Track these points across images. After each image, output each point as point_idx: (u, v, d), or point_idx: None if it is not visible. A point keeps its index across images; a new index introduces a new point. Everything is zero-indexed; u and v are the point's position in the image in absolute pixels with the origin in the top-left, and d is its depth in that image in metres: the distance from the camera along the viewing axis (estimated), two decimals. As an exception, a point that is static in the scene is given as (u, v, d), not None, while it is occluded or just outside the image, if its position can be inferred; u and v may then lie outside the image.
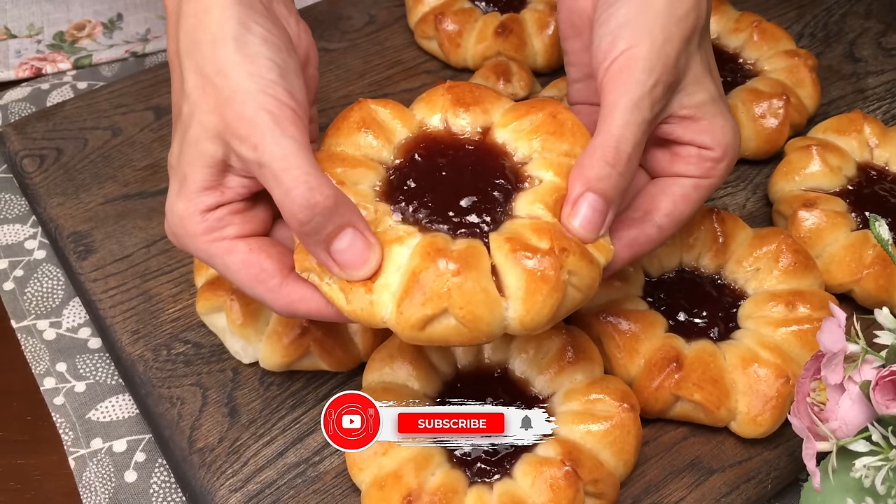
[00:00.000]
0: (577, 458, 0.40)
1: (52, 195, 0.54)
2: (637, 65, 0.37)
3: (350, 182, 0.38)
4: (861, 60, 0.63)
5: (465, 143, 0.40)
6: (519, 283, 0.35)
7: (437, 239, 0.36)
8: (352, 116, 0.40)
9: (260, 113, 0.35)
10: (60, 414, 0.48)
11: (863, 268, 0.48)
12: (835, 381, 0.37)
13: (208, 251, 0.38)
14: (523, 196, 0.38)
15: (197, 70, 0.37)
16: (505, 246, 0.35)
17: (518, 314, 0.35)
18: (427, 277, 0.34)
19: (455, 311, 0.34)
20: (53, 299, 0.53)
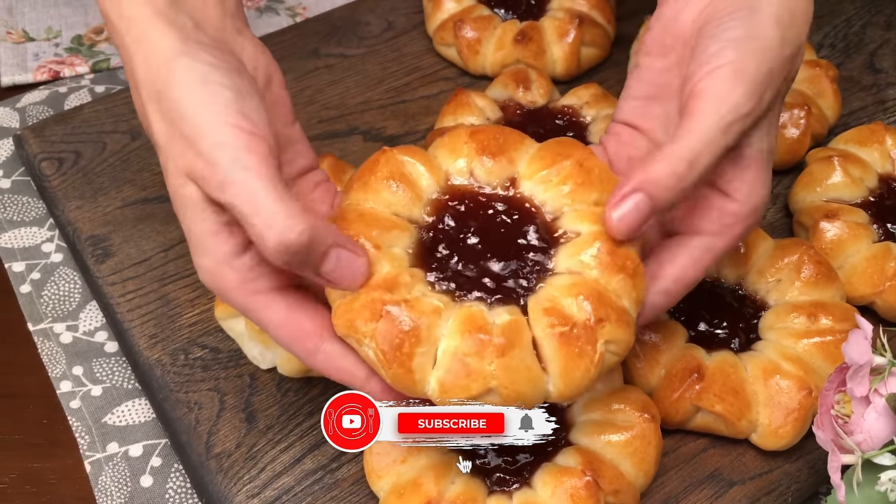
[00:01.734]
0: (597, 469, 0.40)
1: (70, 198, 0.54)
2: (741, 84, 0.35)
3: (385, 245, 0.37)
4: (882, 71, 0.63)
5: (494, 200, 0.39)
6: (557, 360, 0.35)
7: (475, 313, 0.35)
8: (379, 171, 0.38)
9: (218, 149, 0.34)
10: (76, 418, 0.48)
11: (885, 280, 0.48)
12: (860, 394, 0.37)
13: (246, 306, 0.36)
14: (563, 250, 0.37)
15: (161, 117, 0.36)
16: (543, 320, 0.35)
17: (557, 389, 0.35)
18: (470, 358, 0.34)
19: (500, 390, 0.34)
20: (70, 302, 0.53)
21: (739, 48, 0.36)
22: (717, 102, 0.35)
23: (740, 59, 0.36)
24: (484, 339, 0.34)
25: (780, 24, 0.37)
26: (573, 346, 0.35)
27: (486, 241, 0.38)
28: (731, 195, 0.38)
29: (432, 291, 0.36)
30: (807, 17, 0.39)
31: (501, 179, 0.39)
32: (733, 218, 0.38)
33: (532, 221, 0.38)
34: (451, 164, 0.39)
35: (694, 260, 0.38)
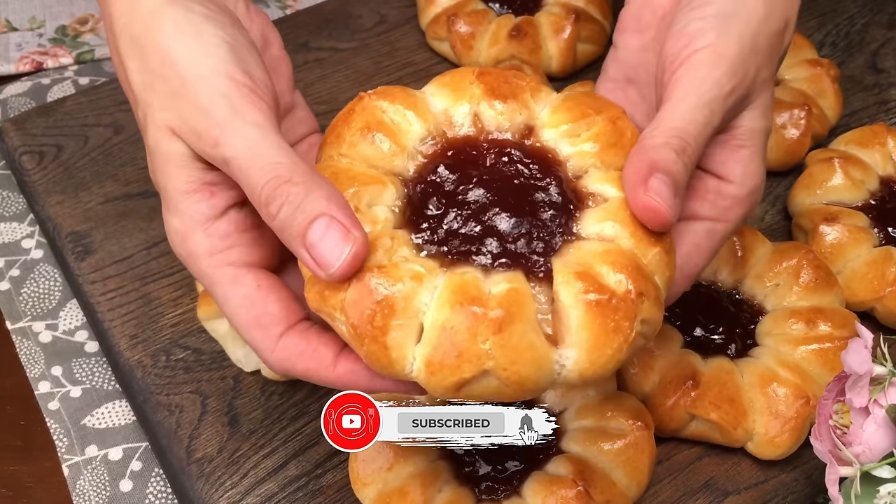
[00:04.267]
0: (588, 478, 0.39)
1: (50, 193, 0.53)
2: (721, 64, 0.34)
3: (364, 205, 0.32)
4: (884, 71, 0.62)
5: (507, 146, 0.33)
6: (587, 333, 0.30)
7: (468, 280, 0.30)
8: (354, 121, 0.34)
9: (216, 100, 0.31)
10: (55, 419, 0.47)
11: (885, 285, 0.47)
12: (860, 404, 0.36)
13: (211, 276, 0.33)
14: (591, 214, 0.32)
15: (141, 67, 0.33)
16: (576, 284, 0.30)
17: (580, 366, 0.30)
18: (461, 334, 0.29)
19: (498, 372, 0.29)
20: (50, 301, 0.51)
21: (720, 28, 0.35)
22: (696, 84, 0.34)
23: (721, 41, 0.34)
24: (478, 313, 0.29)
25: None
26: (609, 318, 0.30)
27: (492, 193, 0.32)
28: (725, 177, 0.36)
29: (417, 256, 0.31)
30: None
31: (515, 125, 0.34)
32: (731, 200, 0.35)
33: (554, 175, 0.33)
34: (452, 107, 0.34)
35: (696, 246, 0.35)
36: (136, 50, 0.34)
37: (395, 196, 0.33)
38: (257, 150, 0.31)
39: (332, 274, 0.30)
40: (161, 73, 0.33)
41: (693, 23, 0.35)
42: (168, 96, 0.32)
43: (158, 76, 0.33)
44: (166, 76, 0.32)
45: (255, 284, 0.33)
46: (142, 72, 0.33)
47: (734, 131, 0.36)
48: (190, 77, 0.32)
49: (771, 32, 0.36)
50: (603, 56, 0.61)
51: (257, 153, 0.31)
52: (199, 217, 0.33)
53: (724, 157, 0.36)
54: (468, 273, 0.31)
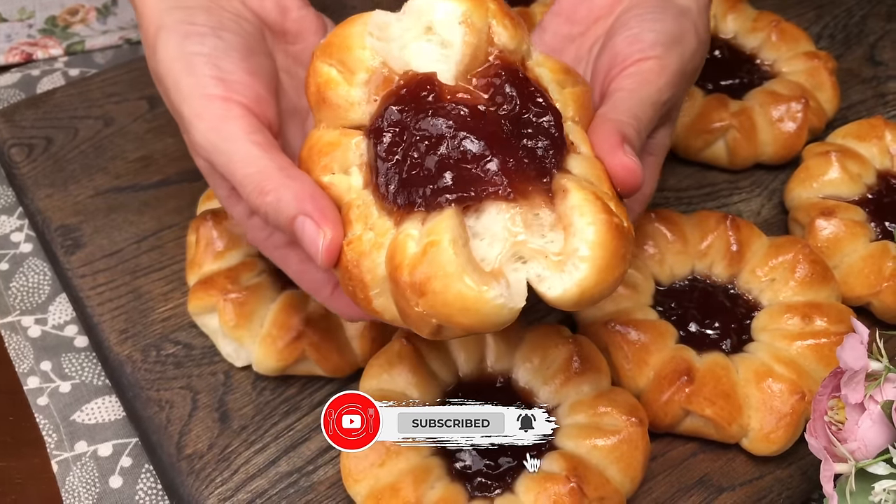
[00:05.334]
0: (582, 474, 0.39)
1: (39, 186, 0.52)
2: (664, 76, 0.38)
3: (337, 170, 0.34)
4: (882, 64, 0.61)
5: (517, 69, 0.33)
6: (601, 251, 0.30)
7: (397, 245, 0.31)
8: (310, 86, 0.35)
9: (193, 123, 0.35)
10: (44, 415, 0.46)
11: (882, 280, 0.47)
12: (855, 401, 0.36)
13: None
14: (577, 159, 0.34)
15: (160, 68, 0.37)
16: (596, 203, 0.30)
17: (584, 281, 0.30)
18: (401, 304, 0.31)
19: (447, 322, 0.31)
20: (39, 295, 0.51)
21: (667, 45, 0.38)
22: (646, 84, 0.37)
23: (667, 56, 0.38)
24: (401, 282, 0.30)
25: (698, 36, 0.40)
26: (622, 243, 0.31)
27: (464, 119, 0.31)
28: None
29: (379, 216, 0.33)
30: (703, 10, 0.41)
31: (519, 53, 0.34)
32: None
33: (553, 107, 0.33)
34: (471, 12, 0.33)
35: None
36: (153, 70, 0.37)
37: (358, 152, 0.34)
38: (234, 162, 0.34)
39: (320, 264, 0.33)
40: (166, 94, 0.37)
41: (646, 33, 0.39)
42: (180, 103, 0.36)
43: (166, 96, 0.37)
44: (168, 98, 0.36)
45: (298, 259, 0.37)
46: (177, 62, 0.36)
47: (649, 140, 0.39)
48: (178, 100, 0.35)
49: (695, 67, 0.40)
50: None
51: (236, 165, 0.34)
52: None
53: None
54: (401, 233, 0.32)
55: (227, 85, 0.35)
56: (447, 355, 0.43)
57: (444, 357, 0.43)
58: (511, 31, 0.34)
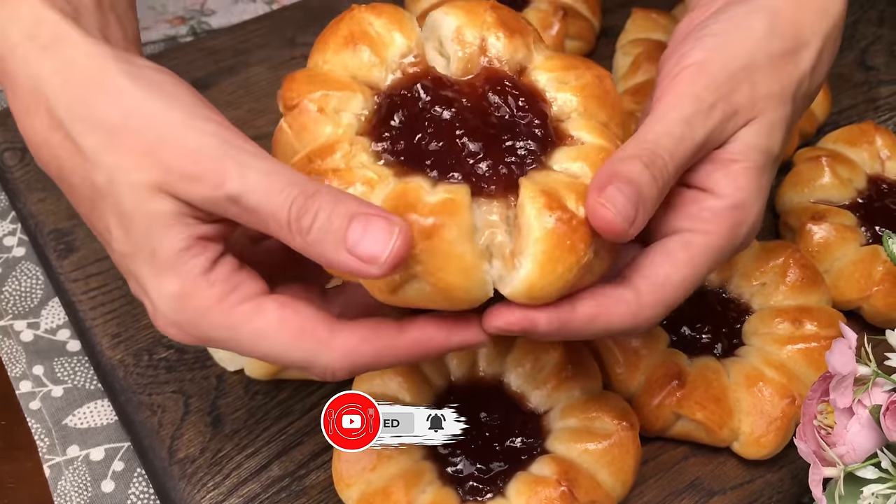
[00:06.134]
0: (573, 478, 0.39)
1: (33, 190, 0.52)
2: (702, 80, 0.34)
3: (331, 109, 0.33)
4: (873, 69, 0.62)
5: (503, 77, 0.34)
6: (544, 245, 0.31)
7: (410, 188, 0.31)
8: (340, 30, 0.34)
9: (207, 140, 0.30)
10: (36, 419, 0.46)
11: (872, 284, 0.47)
12: (843, 405, 0.36)
13: (229, 322, 0.31)
14: (564, 150, 0.34)
15: (96, 129, 0.31)
16: (540, 199, 0.31)
17: (530, 277, 0.31)
18: None
19: (426, 276, 0.30)
20: (32, 299, 0.51)
21: (710, 45, 0.35)
22: (677, 100, 0.34)
23: (707, 57, 0.34)
24: (410, 219, 0.30)
25: (773, 16, 0.35)
26: (567, 236, 0.31)
27: (464, 115, 0.33)
28: (709, 189, 0.34)
29: (373, 163, 0.32)
30: (822, 11, 0.36)
31: (514, 60, 0.35)
32: (710, 212, 0.34)
33: (539, 111, 0.34)
34: (465, 27, 0.35)
35: (668, 253, 0.33)
36: (85, 109, 0.31)
37: (363, 105, 0.33)
38: (271, 175, 0.30)
39: (383, 263, 0.29)
40: (127, 130, 0.30)
41: (687, 44, 0.35)
42: (144, 152, 0.30)
43: (124, 134, 0.30)
44: (136, 130, 0.30)
45: (277, 304, 0.31)
46: (95, 132, 0.31)
47: (729, 145, 0.35)
48: (168, 126, 0.30)
49: (773, 51, 0.35)
50: (591, 53, 0.61)
51: (272, 178, 0.30)
52: (199, 271, 0.31)
53: (711, 170, 0.35)
54: (413, 182, 0.31)
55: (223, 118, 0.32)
56: (440, 361, 0.43)
57: (437, 362, 0.43)
58: (504, 40, 0.35)
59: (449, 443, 0.40)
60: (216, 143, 0.30)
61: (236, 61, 0.60)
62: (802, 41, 0.36)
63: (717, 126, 0.34)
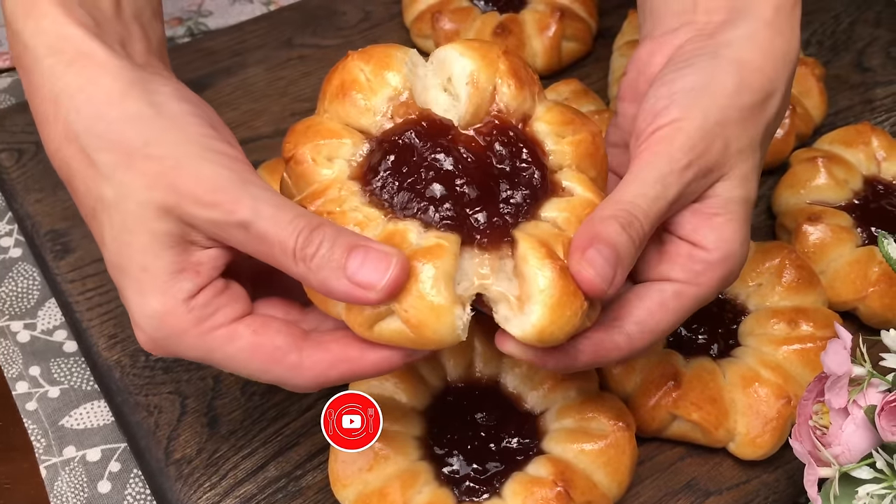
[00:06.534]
0: (569, 479, 0.39)
1: (29, 191, 0.52)
2: (678, 139, 0.35)
3: (322, 157, 0.34)
4: (870, 70, 0.62)
5: (509, 128, 0.35)
6: (552, 291, 0.32)
7: (397, 230, 0.33)
8: (334, 79, 0.36)
9: (221, 172, 0.32)
10: (32, 420, 0.46)
11: (868, 285, 0.47)
12: (839, 405, 0.36)
13: (204, 345, 0.33)
14: (555, 202, 0.35)
15: (113, 147, 0.32)
16: (540, 249, 0.33)
17: (542, 322, 0.32)
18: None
19: (400, 313, 0.32)
20: (28, 300, 0.51)
21: (684, 104, 0.36)
22: (653, 159, 0.35)
23: (683, 116, 0.35)
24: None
25: (740, 68, 0.36)
26: (570, 282, 0.32)
27: (466, 163, 0.34)
28: (698, 244, 0.36)
29: (364, 206, 0.33)
30: (785, 58, 0.38)
31: (520, 110, 0.36)
32: (703, 265, 0.36)
33: (539, 163, 0.35)
34: (479, 72, 0.35)
35: (661, 304, 0.36)
36: (104, 128, 0.33)
37: (352, 151, 0.35)
38: (281, 208, 0.32)
39: (379, 292, 0.31)
40: (145, 153, 0.32)
41: (660, 100, 0.36)
42: (158, 175, 0.32)
43: (141, 156, 0.32)
44: (154, 156, 0.32)
45: (251, 331, 0.33)
46: (112, 151, 0.32)
47: (708, 200, 0.36)
48: (185, 156, 0.32)
49: (744, 105, 0.36)
50: (588, 54, 0.62)
51: (281, 210, 0.32)
52: (182, 295, 0.33)
53: (697, 224, 0.36)
54: (402, 226, 0.33)
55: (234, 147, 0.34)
56: (436, 360, 0.43)
57: (433, 362, 0.43)
58: (514, 90, 0.36)
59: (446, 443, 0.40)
60: (230, 175, 0.32)
61: (233, 62, 0.60)
62: (769, 91, 0.37)
63: (690, 183, 0.36)
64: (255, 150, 0.55)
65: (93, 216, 0.34)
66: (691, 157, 0.35)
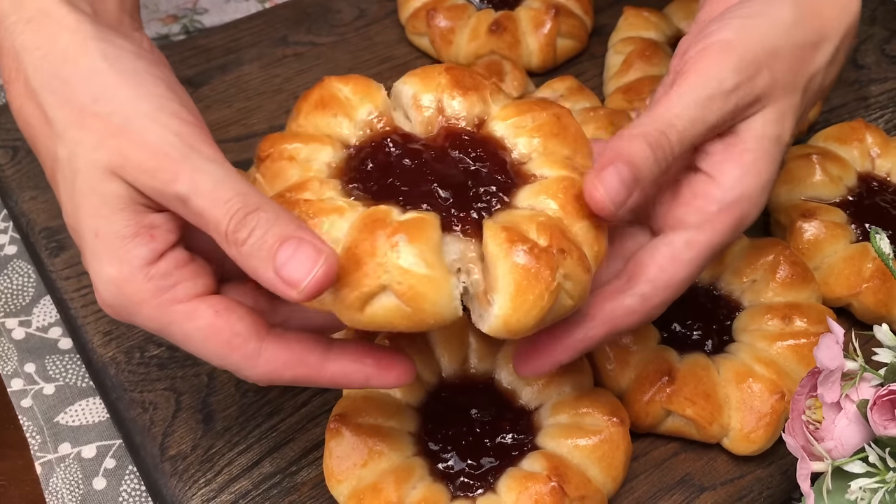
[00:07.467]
0: (563, 474, 0.39)
1: (24, 188, 0.52)
2: (728, 59, 0.33)
3: (301, 158, 0.34)
4: (864, 67, 0.62)
5: (461, 133, 0.36)
6: (510, 278, 0.31)
7: (380, 209, 0.32)
8: (312, 96, 0.36)
9: (167, 138, 0.31)
10: (28, 417, 0.46)
11: (862, 281, 0.47)
12: (831, 400, 0.36)
13: (161, 318, 0.32)
14: (527, 189, 0.35)
15: (65, 104, 0.31)
16: (500, 235, 0.32)
17: (504, 311, 0.32)
18: (363, 251, 0.31)
19: (394, 286, 0.31)
20: (24, 297, 0.51)
21: (737, 26, 0.35)
22: (699, 78, 0.34)
23: (735, 37, 0.34)
24: (379, 232, 0.31)
25: (798, 5, 0.36)
26: (530, 266, 0.31)
27: (435, 166, 0.35)
28: (717, 178, 0.35)
29: (345, 197, 0.33)
30: (845, 9, 0.37)
31: (471, 115, 0.37)
32: (717, 205, 0.35)
33: (497, 158, 0.35)
34: (420, 92, 0.37)
35: (672, 258, 0.35)
36: (59, 84, 0.32)
37: (332, 155, 0.35)
38: (221, 183, 0.31)
39: (302, 290, 0.29)
40: (94, 110, 0.31)
41: (714, 24, 0.35)
42: (107, 134, 0.31)
43: (90, 113, 0.31)
44: (102, 113, 0.31)
45: (213, 311, 0.32)
46: (65, 107, 0.32)
47: (739, 133, 0.35)
48: (134, 115, 0.31)
49: (797, 42, 0.35)
50: (583, 51, 0.62)
51: (221, 186, 0.30)
52: (139, 262, 0.31)
53: (723, 158, 0.35)
54: (382, 206, 0.32)
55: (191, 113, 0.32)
56: (430, 356, 0.43)
57: (428, 358, 0.43)
58: (459, 98, 0.37)
59: (440, 439, 0.40)
60: (175, 142, 0.31)
61: (228, 60, 0.60)
62: (824, 35, 0.36)
63: (732, 110, 0.34)
64: (250, 148, 0.55)
65: (52, 177, 0.33)
66: (739, 79, 0.33)
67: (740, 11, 0.36)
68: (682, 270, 0.35)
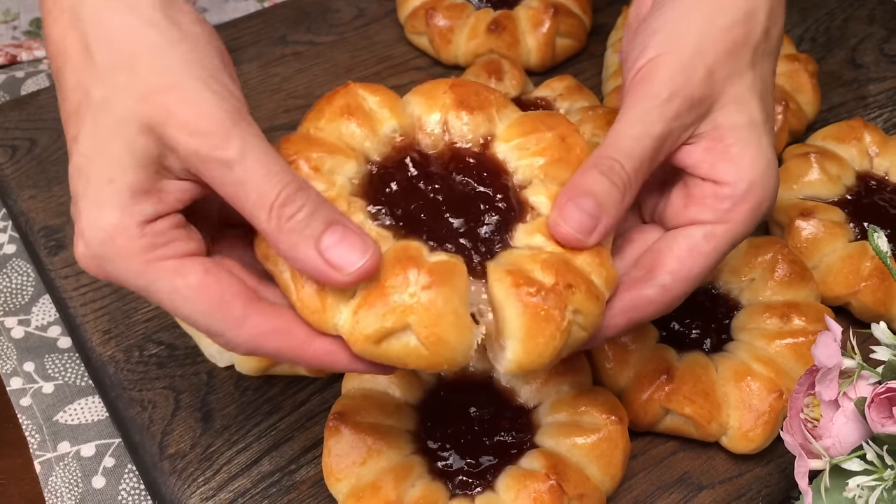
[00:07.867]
0: (562, 472, 0.39)
1: (23, 187, 0.52)
2: (657, 75, 0.35)
3: (325, 169, 0.34)
4: (863, 67, 0.62)
5: (465, 155, 0.36)
6: (520, 322, 0.32)
7: (412, 246, 0.32)
8: (336, 101, 0.36)
9: (220, 104, 0.31)
10: (27, 416, 0.46)
11: (860, 280, 0.47)
12: (829, 398, 0.36)
13: (148, 275, 0.31)
14: (522, 228, 0.35)
15: (115, 51, 0.31)
16: (506, 280, 0.32)
17: (517, 356, 0.32)
18: (393, 287, 0.31)
19: (418, 329, 0.31)
20: (23, 296, 0.51)
21: (659, 39, 0.35)
22: (635, 100, 0.35)
23: (658, 53, 0.35)
24: (413, 273, 0.31)
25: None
26: (539, 308, 0.31)
27: (444, 192, 0.35)
28: (719, 180, 0.35)
29: (371, 223, 0.33)
30: None
31: (476, 136, 0.37)
32: (730, 201, 0.35)
33: (500, 184, 0.35)
34: (425, 114, 0.37)
35: (691, 249, 0.35)
36: (115, 28, 0.31)
37: (356, 170, 0.35)
38: (269, 156, 0.31)
39: (347, 275, 0.30)
40: (149, 62, 0.31)
41: (639, 44, 0.36)
42: (157, 88, 0.31)
43: (141, 63, 0.31)
44: (156, 66, 0.31)
45: (202, 269, 0.31)
46: (116, 52, 0.31)
47: (715, 132, 0.35)
48: (189, 77, 0.31)
49: (723, 25, 0.36)
50: (582, 51, 0.62)
51: (269, 159, 0.31)
52: (140, 217, 0.31)
53: (714, 161, 0.35)
54: (414, 243, 0.33)
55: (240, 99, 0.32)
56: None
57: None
58: (464, 119, 0.37)
59: (439, 437, 0.40)
60: (230, 112, 0.31)
61: (228, 59, 0.60)
62: (747, 10, 0.36)
63: (676, 115, 0.35)
64: (250, 147, 0.55)
65: (75, 111, 0.32)
66: (672, 88, 0.34)
67: (658, 22, 0.36)
68: (702, 262, 0.35)
